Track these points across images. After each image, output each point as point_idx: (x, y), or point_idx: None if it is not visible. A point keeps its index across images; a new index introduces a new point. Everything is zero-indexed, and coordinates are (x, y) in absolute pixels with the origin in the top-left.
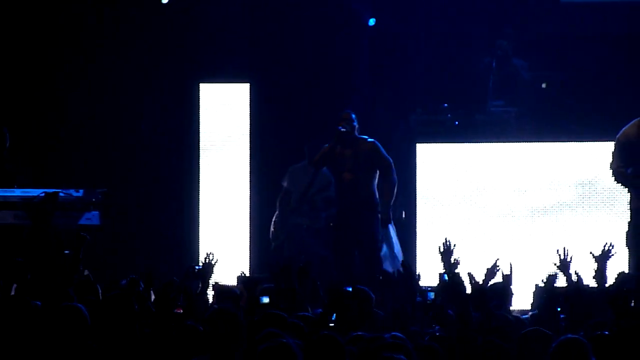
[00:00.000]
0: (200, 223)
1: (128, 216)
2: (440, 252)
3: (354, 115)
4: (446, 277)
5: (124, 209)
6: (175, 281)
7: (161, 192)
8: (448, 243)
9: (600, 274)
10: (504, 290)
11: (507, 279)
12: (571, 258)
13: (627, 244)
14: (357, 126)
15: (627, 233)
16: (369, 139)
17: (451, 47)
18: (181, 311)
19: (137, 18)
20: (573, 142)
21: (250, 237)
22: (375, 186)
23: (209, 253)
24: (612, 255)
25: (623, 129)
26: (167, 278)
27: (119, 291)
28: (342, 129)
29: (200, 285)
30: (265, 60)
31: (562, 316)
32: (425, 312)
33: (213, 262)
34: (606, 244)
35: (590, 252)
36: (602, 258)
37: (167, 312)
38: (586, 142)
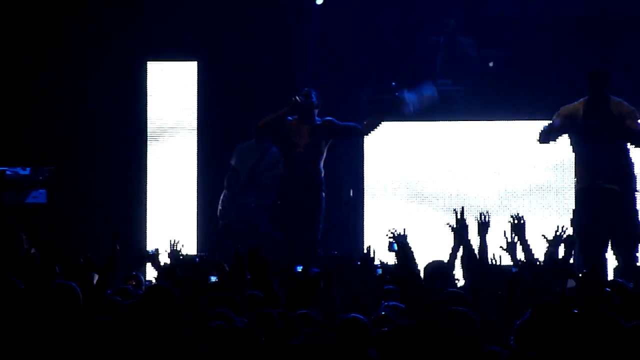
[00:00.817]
0: (147, 201)
1: (75, 195)
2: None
3: (314, 93)
4: (395, 247)
5: (71, 187)
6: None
7: (109, 171)
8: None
9: (549, 257)
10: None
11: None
12: (518, 239)
13: (572, 225)
14: (316, 103)
15: (573, 213)
16: (327, 118)
17: (399, 26)
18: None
19: None
20: (522, 121)
21: (197, 217)
22: (322, 165)
23: (174, 241)
24: (565, 237)
25: (567, 105)
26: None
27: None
28: (299, 100)
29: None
30: (213, 38)
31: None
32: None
33: (178, 249)
34: (558, 227)
35: (543, 235)
36: (555, 242)
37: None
38: (535, 121)
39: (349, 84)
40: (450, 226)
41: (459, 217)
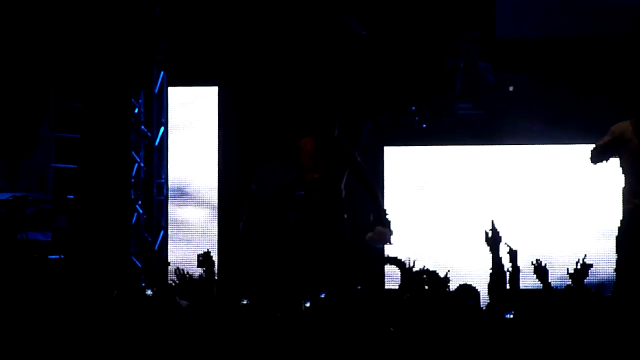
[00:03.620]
0: (169, 223)
1: (95, 222)
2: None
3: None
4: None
5: (92, 214)
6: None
7: (129, 194)
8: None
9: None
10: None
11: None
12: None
13: (618, 249)
14: (336, 129)
15: (618, 237)
16: (344, 142)
17: (418, 50)
18: None
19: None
20: (540, 145)
21: (218, 239)
22: (343, 186)
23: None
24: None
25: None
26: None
27: None
28: (319, 127)
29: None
30: (235, 62)
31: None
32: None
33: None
34: (578, 261)
35: (567, 269)
36: (579, 277)
37: None
38: (554, 145)
39: (367, 108)
40: (486, 235)
41: (491, 230)
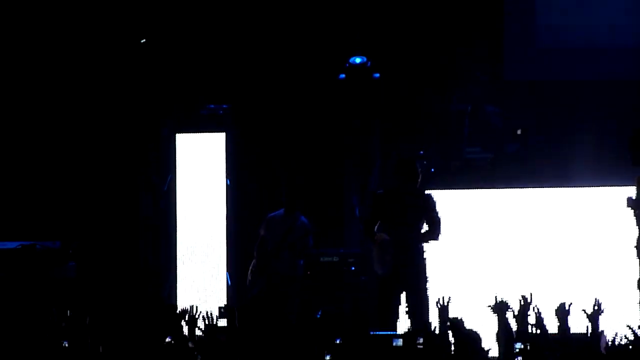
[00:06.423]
0: (177, 270)
1: (104, 268)
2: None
3: (418, 165)
4: None
5: (100, 260)
6: None
7: (139, 242)
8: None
9: (594, 334)
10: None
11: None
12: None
13: None
14: (419, 174)
15: None
16: (426, 191)
17: (426, 94)
18: None
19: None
20: (549, 188)
21: (227, 285)
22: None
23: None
24: (602, 312)
25: None
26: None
27: None
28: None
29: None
30: (242, 109)
31: None
32: None
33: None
34: (596, 301)
35: (583, 310)
36: (594, 317)
37: None
38: (563, 188)
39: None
40: (490, 307)
41: (497, 301)
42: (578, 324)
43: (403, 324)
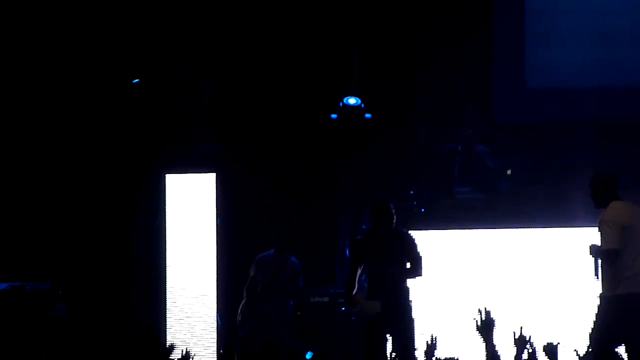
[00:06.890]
0: (167, 311)
1: (94, 308)
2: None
3: (392, 205)
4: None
5: (90, 301)
6: None
7: (128, 284)
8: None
9: None
10: None
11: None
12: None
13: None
14: (394, 216)
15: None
16: (404, 230)
17: (417, 134)
18: None
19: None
20: (541, 228)
21: (217, 326)
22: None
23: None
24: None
25: (612, 211)
26: None
27: None
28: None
29: None
30: (232, 150)
31: None
32: None
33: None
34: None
35: (575, 350)
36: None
37: None
38: (554, 228)
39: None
40: (475, 323)
41: (484, 316)
42: None
43: None
